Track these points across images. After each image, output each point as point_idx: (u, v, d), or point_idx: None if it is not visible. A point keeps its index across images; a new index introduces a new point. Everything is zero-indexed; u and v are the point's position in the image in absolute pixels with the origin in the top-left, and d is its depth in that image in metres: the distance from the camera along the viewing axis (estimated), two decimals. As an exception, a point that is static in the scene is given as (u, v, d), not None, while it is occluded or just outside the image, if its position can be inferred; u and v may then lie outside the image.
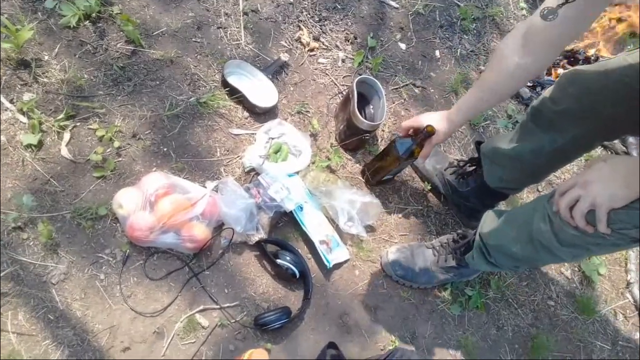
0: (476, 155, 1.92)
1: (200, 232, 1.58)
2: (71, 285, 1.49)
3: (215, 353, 1.54)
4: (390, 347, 1.72)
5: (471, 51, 2.49)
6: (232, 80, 1.95)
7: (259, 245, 1.66)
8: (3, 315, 1.39)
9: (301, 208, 1.76)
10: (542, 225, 1.35)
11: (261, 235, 1.67)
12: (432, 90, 2.36)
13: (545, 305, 2.03)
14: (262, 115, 1.95)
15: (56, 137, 1.65)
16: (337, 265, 1.78)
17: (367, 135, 1.97)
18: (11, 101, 1.64)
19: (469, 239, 1.74)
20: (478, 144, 1.88)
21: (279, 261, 1.64)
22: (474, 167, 1.95)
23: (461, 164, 1.99)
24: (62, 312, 1.45)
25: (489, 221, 1.63)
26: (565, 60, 2.68)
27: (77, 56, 1.80)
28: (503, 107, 2.47)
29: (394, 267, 1.82)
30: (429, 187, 2.07)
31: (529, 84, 2.56)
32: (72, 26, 1.81)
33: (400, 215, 1.99)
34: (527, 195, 2.22)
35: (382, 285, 1.83)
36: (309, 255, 1.77)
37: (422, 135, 1.66)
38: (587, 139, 1.58)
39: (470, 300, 1.90)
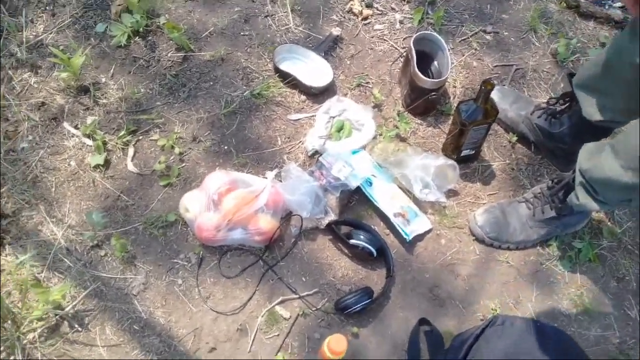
0: (568, 90, 1.70)
1: (266, 223, 1.55)
2: (151, 294, 1.52)
3: (301, 343, 1.50)
4: (491, 316, 1.57)
5: (545, -20, 2.23)
6: (284, 65, 1.90)
7: (330, 228, 1.59)
8: (92, 331, 1.45)
9: (370, 183, 1.67)
10: None
11: (331, 217, 1.61)
12: (507, 34, 2.15)
13: (673, 246, 1.76)
14: (319, 95, 1.89)
15: (121, 153, 1.70)
16: (419, 237, 1.67)
17: (434, 94, 1.83)
18: (76, 127, 1.72)
19: (566, 180, 1.54)
20: (570, 76, 1.65)
21: (352, 241, 1.56)
22: (567, 104, 1.72)
23: (552, 102, 1.77)
24: (146, 321, 1.49)
25: (587, 154, 1.43)
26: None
27: (131, 73, 1.85)
28: (594, 35, 2.19)
29: (485, 229, 1.66)
30: (515, 138, 1.88)
31: (618, 3, 2.25)
32: (123, 45, 1.87)
33: (485, 174, 1.82)
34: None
35: (473, 251, 1.68)
36: (387, 231, 1.68)
37: (483, 94, 1.51)
38: None
39: (580, 253, 1.69)
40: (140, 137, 1.74)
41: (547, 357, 1.46)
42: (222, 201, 1.56)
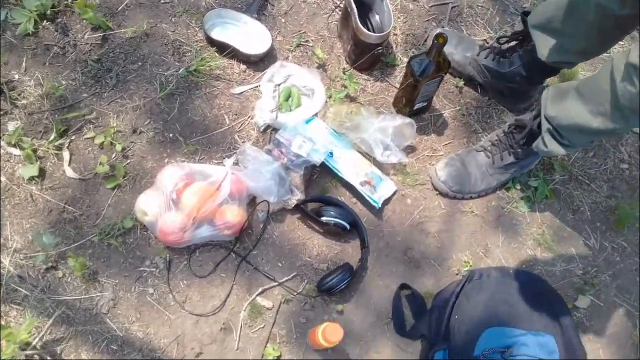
0: (518, 29, 1.67)
1: (234, 214, 1.47)
2: (123, 308, 1.43)
3: (288, 330, 1.48)
4: (465, 269, 1.61)
5: None
6: (216, 34, 1.75)
7: (299, 208, 1.54)
8: (67, 360, 1.35)
9: (331, 154, 1.61)
10: (630, 88, 1.16)
11: (298, 196, 1.55)
12: (439, -31, 2.07)
13: (618, 171, 1.85)
14: (260, 62, 1.76)
15: (56, 159, 1.53)
16: (387, 201, 1.65)
17: (380, 49, 1.75)
18: (-4, 137, 1.52)
19: (529, 127, 1.55)
20: (525, 14, 1.61)
21: (324, 219, 1.52)
22: (517, 42, 1.70)
23: (502, 41, 1.74)
24: (124, 338, 1.40)
25: (552, 100, 1.43)
26: None
27: (47, 64, 1.64)
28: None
29: (448, 183, 1.67)
30: (462, 82, 1.86)
31: None
32: (30, 32, 1.63)
33: (438, 124, 1.81)
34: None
35: (439, 206, 1.69)
36: (354, 200, 1.64)
37: (435, 48, 1.46)
38: None
39: (537, 191, 1.74)
40: (74, 138, 1.56)
41: (522, 302, 1.53)
42: (181, 198, 1.46)
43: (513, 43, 1.70)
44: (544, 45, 1.53)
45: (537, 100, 1.86)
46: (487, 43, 1.92)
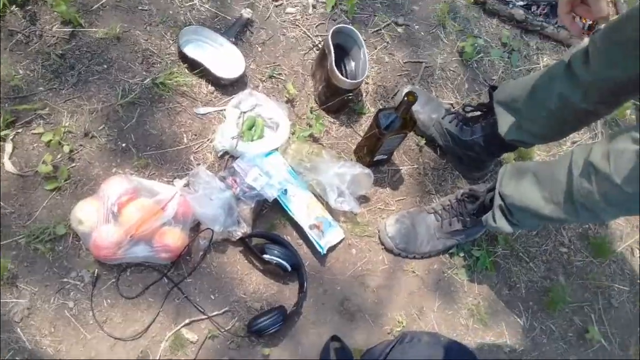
0: (484, 101, 1.70)
1: (175, 239, 1.42)
2: (37, 319, 1.34)
3: (209, 368, 1.41)
4: (398, 329, 1.60)
5: (456, -26, 2.22)
6: (189, 50, 1.72)
7: (244, 242, 1.50)
8: (-34, 367, 1.25)
9: (285, 192, 1.58)
10: (586, 185, 1.18)
11: (244, 229, 1.51)
12: (417, 27, 2.12)
13: (558, 254, 1.90)
14: (229, 86, 1.74)
15: (-4, 149, 1.45)
16: (332, 248, 1.64)
17: (350, 95, 1.76)
18: None
19: (482, 200, 1.57)
20: (492, 89, 1.64)
21: (267, 257, 1.48)
22: (481, 113, 1.73)
23: (467, 109, 1.77)
24: (32, 351, 1.31)
25: (509, 178, 1.45)
26: None
27: (7, 49, 1.56)
28: (496, 35, 2.23)
29: (395, 240, 1.66)
30: (424, 141, 1.88)
31: (522, 2, 2.30)
32: (-5, 14, 1.56)
33: (394, 178, 1.81)
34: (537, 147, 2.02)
35: (382, 261, 1.68)
36: (300, 241, 1.62)
37: (404, 106, 1.48)
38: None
39: (478, 261, 1.76)
40: (20, 130, 1.49)
41: (450, 372, 1.52)
42: (122, 212, 1.39)
43: (477, 113, 1.74)
44: (504, 122, 1.57)
45: (491, 172, 1.90)
46: (453, 108, 1.96)
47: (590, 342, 1.77)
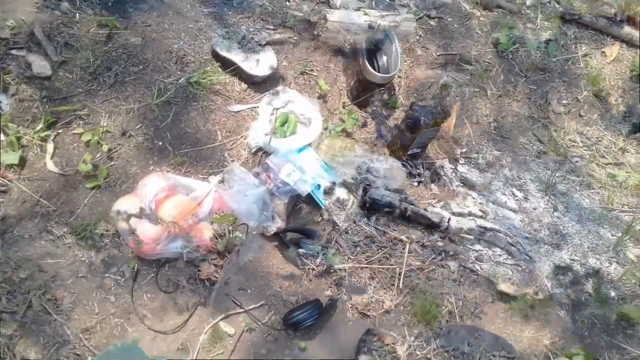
0: None
1: (211, 234, 1.44)
2: (80, 313, 1.37)
3: (246, 361, 1.43)
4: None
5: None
6: (223, 49, 1.74)
7: (278, 236, 1.51)
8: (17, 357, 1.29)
9: (318, 187, 1.59)
10: None
11: (278, 224, 1.52)
12: (450, 19, 2.10)
13: None
14: (261, 84, 1.75)
15: (39, 150, 1.50)
16: (366, 243, 1.62)
17: (383, 89, 1.75)
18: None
19: None
20: None
21: (302, 251, 1.48)
22: None
23: None
24: (74, 344, 1.34)
25: None
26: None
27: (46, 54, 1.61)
28: (531, 28, 2.19)
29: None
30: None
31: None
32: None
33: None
34: None
35: (418, 254, 1.66)
36: (334, 235, 1.61)
37: (438, 99, 1.47)
38: None
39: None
40: (61, 131, 1.53)
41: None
42: (160, 209, 1.42)
43: None
44: None
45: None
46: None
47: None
